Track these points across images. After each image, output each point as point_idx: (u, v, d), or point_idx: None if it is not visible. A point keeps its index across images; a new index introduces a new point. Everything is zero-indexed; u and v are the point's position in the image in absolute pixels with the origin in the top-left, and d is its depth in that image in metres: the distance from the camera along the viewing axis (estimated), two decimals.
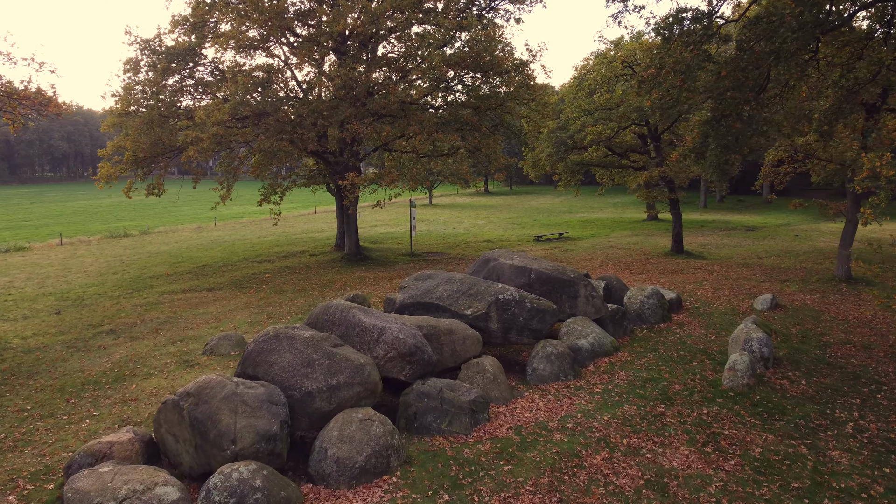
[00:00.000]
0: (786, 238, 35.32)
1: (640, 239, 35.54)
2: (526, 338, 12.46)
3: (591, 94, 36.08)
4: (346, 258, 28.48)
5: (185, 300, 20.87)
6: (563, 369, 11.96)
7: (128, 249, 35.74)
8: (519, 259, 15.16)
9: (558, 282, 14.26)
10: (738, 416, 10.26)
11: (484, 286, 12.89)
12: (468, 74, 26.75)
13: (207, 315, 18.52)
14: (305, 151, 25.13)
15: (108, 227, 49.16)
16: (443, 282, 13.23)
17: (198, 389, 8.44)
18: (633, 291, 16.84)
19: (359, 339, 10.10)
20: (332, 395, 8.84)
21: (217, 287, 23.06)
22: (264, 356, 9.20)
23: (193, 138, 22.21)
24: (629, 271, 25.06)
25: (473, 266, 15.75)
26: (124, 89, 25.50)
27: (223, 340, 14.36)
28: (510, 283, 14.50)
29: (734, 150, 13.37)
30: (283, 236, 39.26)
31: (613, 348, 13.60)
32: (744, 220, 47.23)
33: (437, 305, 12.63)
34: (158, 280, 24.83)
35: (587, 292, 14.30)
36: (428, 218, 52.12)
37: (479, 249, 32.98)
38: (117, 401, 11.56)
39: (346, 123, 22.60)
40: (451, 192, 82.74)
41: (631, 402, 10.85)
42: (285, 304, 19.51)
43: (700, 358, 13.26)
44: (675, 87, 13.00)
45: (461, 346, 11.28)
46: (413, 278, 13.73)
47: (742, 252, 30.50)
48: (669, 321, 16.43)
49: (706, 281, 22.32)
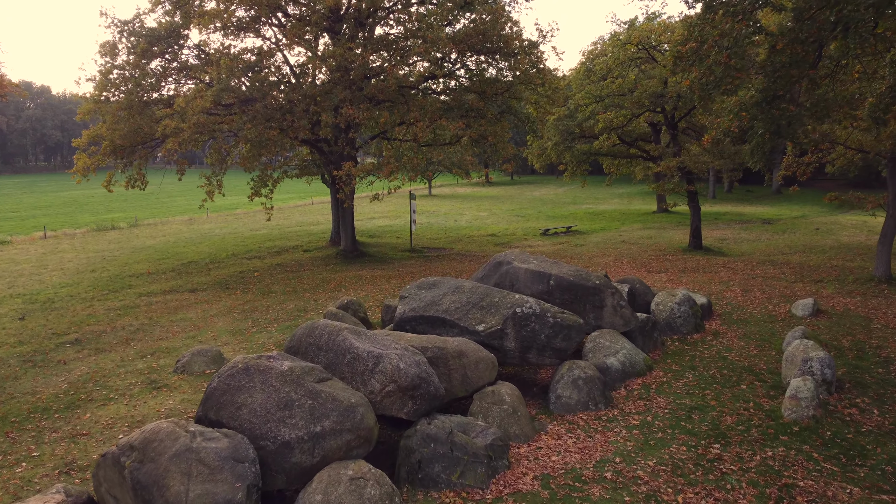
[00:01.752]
0: (806, 232, 33.47)
1: (652, 233, 33.68)
2: (548, 358, 10.63)
3: (601, 80, 34.17)
4: (342, 254, 26.62)
5: (164, 303, 19.02)
6: (593, 396, 10.14)
7: (112, 244, 33.85)
8: (536, 262, 13.31)
9: (581, 289, 12.43)
10: (810, 461, 8.45)
11: (498, 297, 11.04)
12: (472, 58, 24.81)
13: (186, 322, 16.67)
14: (297, 140, 23.21)
15: (96, 220, 47.29)
16: (450, 291, 11.38)
17: (143, 443, 6.62)
18: (661, 297, 15.01)
19: (350, 370, 8.26)
20: (316, 446, 7.03)
21: (200, 288, 21.20)
22: (231, 396, 7.36)
23: (173, 129, 20.29)
24: (646, 269, 23.24)
25: (483, 270, 13.89)
26: (101, 74, 23.52)
27: (197, 356, 12.53)
28: (525, 290, 12.67)
29: (786, 136, 11.49)
30: (276, 229, 37.37)
31: (647, 367, 11.79)
32: (757, 212, 45.37)
33: (444, 320, 10.79)
34: (138, 279, 22.97)
35: (614, 301, 12.46)
36: (428, 210, 50.22)
37: (483, 244, 31.12)
38: (65, 435, 9.73)
39: (341, 108, 20.67)
40: (451, 182, 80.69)
41: (678, 440, 9.03)
42: (273, 309, 17.68)
43: (748, 379, 11.44)
44: (719, 63, 11.11)
45: (473, 372, 9.45)
46: (415, 286, 11.88)
47: (763, 247, 28.67)
48: (703, 331, 14.62)
49: (732, 281, 20.50)
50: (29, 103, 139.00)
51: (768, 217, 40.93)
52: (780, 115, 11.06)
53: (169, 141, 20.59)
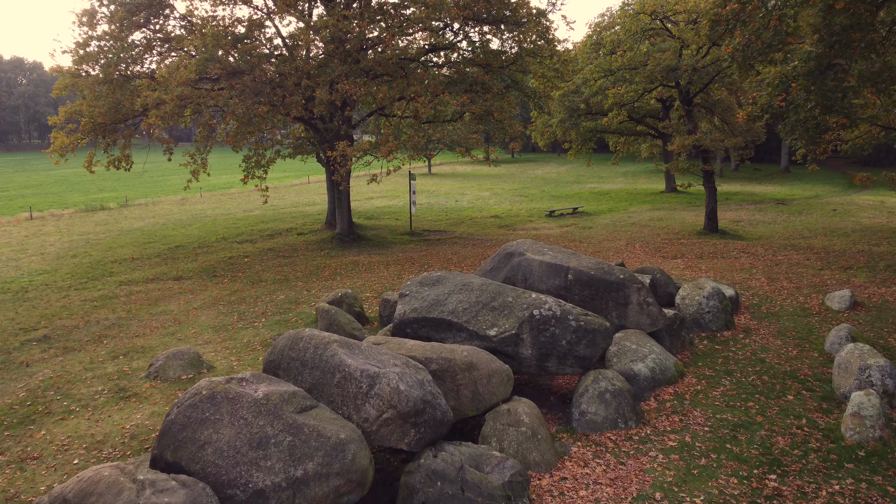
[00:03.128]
0: (823, 213, 32.03)
1: (663, 214, 32.23)
2: (569, 367, 9.27)
3: (610, 53, 32.52)
4: (338, 238, 25.20)
5: (145, 293, 17.64)
6: (622, 412, 8.81)
7: (99, 226, 32.41)
8: (551, 253, 11.91)
9: (604, 284, 11.05)
10: (886, 497, 7.13)
11: (512, 296, 9.65)
12: (475, 28, 23.21)
13: (166, 315, 15.31)
14: (288, 117, 21.67)
15: (86, 199, 45.81)
16: (456, 289, 9.99)
17: (79, 496, 5.27)
18: (687, 289, 13.64)
19: (340, 392, 6.91)
20: (297, 494, 5.69)
21: (186, 275, 19.81)
22: (192, 431, 6.00)
23: (155, 100, 18.76)
24: (661, 255, 21.86)
25: (491, 261, 12.50)
26: (78, 46, 21.88)
27: (173, 360, 11.18)
28: (540, 285, 11.30)
29: (839, 110, 10.03)
30: (269, 210, 35.88)
31: (678, 373, 10.45)
32: (768, 191, 43.88)
33: (450, 323, 9.42)
34: (121, 266, 21.57)
35: (640, 298, 11.09)
36: (428, 189, 48.69)
37: (487, 227, 29.69)
38: (13, 459, 8.41)
39: (336, 83, 19.13)
40: (451, 160, 78.87)
41: (725, 469, 7.71)
42: (261, 300, 16.31)
43: (793, 387, 10.11)
44: (767, 26, 9.61)
45: (485, 388, 8.10)
46: (416, 282, 10.48)
47: (781, 230, 27.26)
48: (733, 327, 13.26)
49: (755, 268, 19.13)
50: (22, 79, 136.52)
51: (781, 197, 39.46)
52: (836, 87, 9.61)
53: (150, 114, 19.06)
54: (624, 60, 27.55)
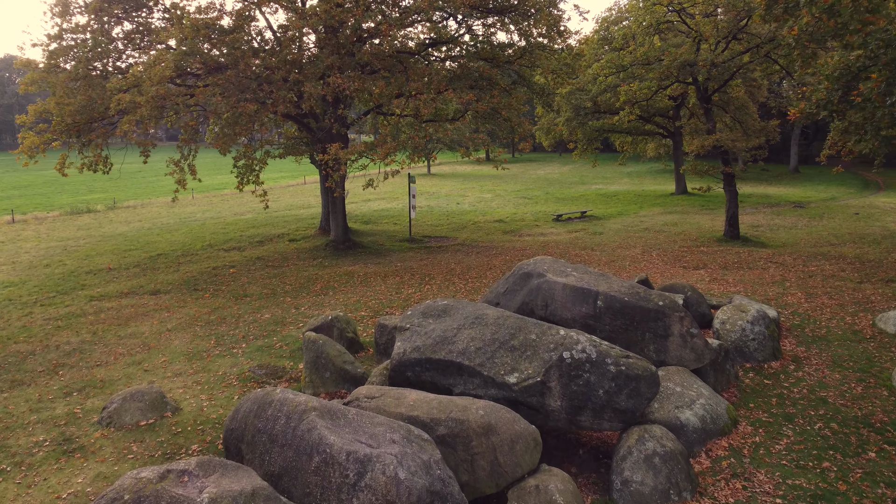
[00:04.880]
0: (845, 217, 30.34)
1: (676, 218, 30.51)
2: (608, 422, 7.57)
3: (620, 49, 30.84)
4: (332, 245, 23.47)
5: (116, 311, 15.91)
6: (675, 480, 7.11)
7: (81, 230, 30.69)
8: (576, 275, 10.20)
9: (639, 312, 9.36)
10: None
11: (536, 332, 7.95)
12: (479, 21, 21.48)
13: (135, 339, 13.58)
14: (276, 115, 19.93)
15: (74, 201, 44.14)
16: (467, 322, 8.28)
17: None
18: (727, 312, 11.93)
19: (319, 481, 5.20)
20: None
21: (164, 289, 18.09)
22: None
23: (128, 103, 17.03)
24: (681, 265, 20.17)
25: (505, 282, 10.79)
26: (50, 38, 20.16)
27: (131, 402, 9.46)
28: (564, 312, 9.60)
29: None
30: (262, 214, 34.10)
31: (731, 421, 8.75)
32: (782, 193, 42.16)
33: (460, 366, 7.71)
34: (95, 277, 19.84)
35: (683, 328, 9.39)
36: (428, 191, 46.94)
37: (491, 232, 27.97)
38: None
39: (327, 76, 17.41)
40: (450, 159, 77.04)
41: None
42: (244, 320, 14.59)
43: (872, 439, 8.42)
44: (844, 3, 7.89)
45: (507, 457, 6.41)
46: (419, 313, 8.77)
47: (804, 236, 25.57)
48: (781, 357, 11.57)
49: (788, 281, 17.45)
50: (16, 77, 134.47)
51: (797, 199, 37.75)
52: None
53: (125, 120, 17.35)
54: (637, 55, 25.82)
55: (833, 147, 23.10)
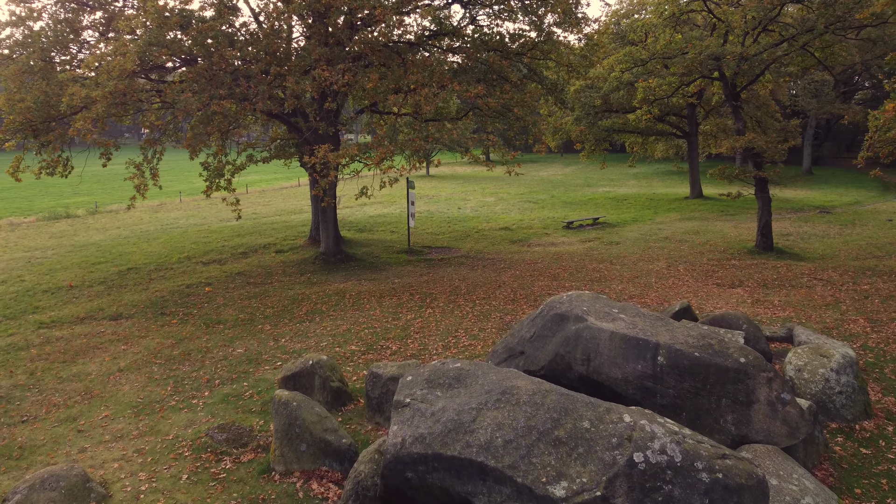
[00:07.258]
0: (878, 225, 28.07)
1: (696, 225, 28.20)
2: None
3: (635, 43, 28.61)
4: (322, 258, 21.13)
5: (65, 342, 13.58)
6: None
7: (53, 238, 28.38)
8: (625, 318, 7.87)
9: (714, 371, 7.06)
10: None
11: (589, 417, 5.63)
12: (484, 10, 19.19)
13: (78, 383, 11.25)
14: (261, 113, 17.63)
15: (54, 205, 41.76)
16: (490, 399, 5.95)
17: None
18: (803, 357, 9.61)
19: None
20: None
21: (126, 313, 15.76)
22: None
23: (82, 99, 14.72)
24: (714, 282, 17.92)
25: (532, 323, 8.46)
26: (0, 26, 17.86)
27: (42, 490, 7.13)
28: (613, 369, 7.31)
29: None
30: (250, 219, 31.75)
31: None
32: (802, 196, 39.85)
33: (484, 467, 5.41)
34: (52, 297, 17.51)
35: (772, 393, 7.10)
36: (427, 194, 44.57)
37: (497, 241, 25.65)
38: None
39: (313, 70, 15.08)
40: (450, 160, 74.67)
41: None
42: (211, 357, 12.26)
43: None
44: None
45: None
46: (423, 380, 6.44)
47: (841, 246, 23.31)
48: (873, 415, 9.27)
49: (843, 303, 15.17)
50: None
51: (820, 204, 35.46)
52: None
53: (78, 117, 15.04)
54: (657, 48, 23.53)
55: (872, 148, 20.88)
